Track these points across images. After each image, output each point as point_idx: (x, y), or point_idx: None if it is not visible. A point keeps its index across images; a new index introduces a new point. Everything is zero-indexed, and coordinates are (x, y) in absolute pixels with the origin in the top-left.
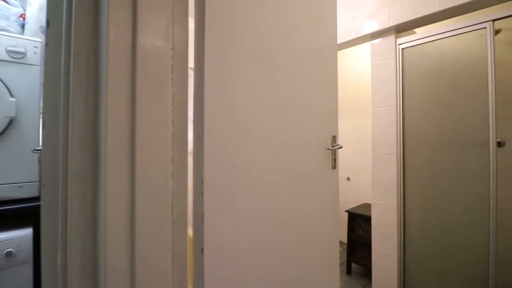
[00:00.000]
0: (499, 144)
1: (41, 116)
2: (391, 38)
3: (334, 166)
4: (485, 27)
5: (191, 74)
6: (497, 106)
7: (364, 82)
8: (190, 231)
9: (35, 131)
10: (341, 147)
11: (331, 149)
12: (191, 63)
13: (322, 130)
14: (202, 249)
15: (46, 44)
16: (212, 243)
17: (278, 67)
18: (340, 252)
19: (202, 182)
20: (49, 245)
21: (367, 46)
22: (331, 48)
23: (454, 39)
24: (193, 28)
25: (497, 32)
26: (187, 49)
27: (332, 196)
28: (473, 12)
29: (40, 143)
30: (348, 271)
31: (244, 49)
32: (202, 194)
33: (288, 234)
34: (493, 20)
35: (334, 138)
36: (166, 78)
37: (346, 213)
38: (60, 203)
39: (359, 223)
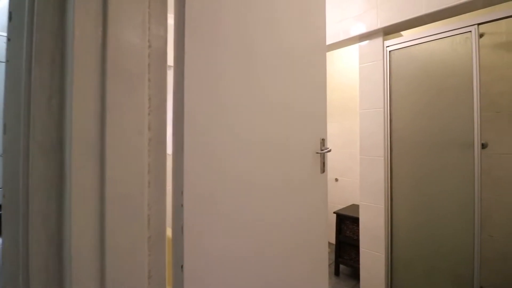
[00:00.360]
0: (483, 146)
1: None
2: (379, 40)
3: (323, 170)
4: (470, 31)
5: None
6: (481, 108)
7: (352, 84)
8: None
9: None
10: (329, 151)
11: (320, 153)
12: (171, 61)
13: (311, 133)
14: (182, 266)
15: (8, 39)
16: (193, 258)
17: (265, 67)
18: (328, 253)
19: (182, 192)
20: (9, 265)
21: (356, 47)
22: (320, 49)
23: (440, 42)
24: (172, 24)
25: (480, 36)
26: (165, 46)
27: (321, 200)
28: (459, 16)
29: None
30: (336, 272)
31: (229, 48)
32: (182, 205)
33: (277, 241)
34: (478, 24)
35: (323, 141)
36: (142, 78)
37: (335, 215)
38: (21, 217)
39: (347, 224)
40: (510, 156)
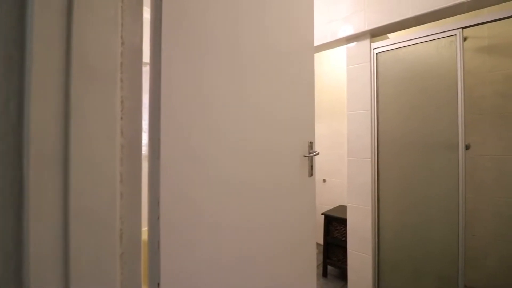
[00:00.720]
0: (466, 147)
1: None
2: (366, 42)
3: (311, 173)
4: (455, 34)
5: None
6: (465, 111)
7: (340, 85)
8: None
9: None
10: (317, 154)
11: (308, 156)
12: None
13: (299, 136)
14: (159, 284)
15: None
16: (172, 275)
17: (252, 68)
18: (316, 254)
19: (158, 203)
20: None
21: (344, 49)
22: (307, 50)
23: (426, 45)
24: (149, 18)
25: (464, 39)
26: (141, 43)
27: (309, 204)
28: (444, 20)
29: None
30: (324, 273)
31: (213, 46)
32: (158, 218)
33: (265, 246)
34: (463, 28)
35: (311, 144)
36: (113, 79)
37: (323, 216)
38: None
39: (334, 225)
40: (491, 157)
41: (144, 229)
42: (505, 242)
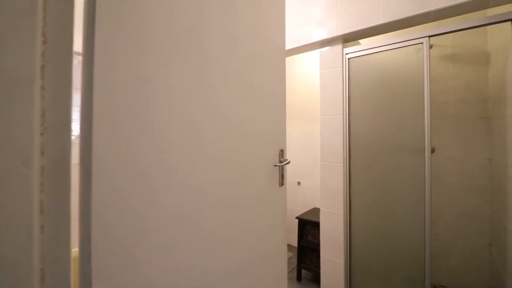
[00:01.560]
0: (432, 151)
1: None
2: (338, 47)
3: (282, 183)
4: (422, 42)
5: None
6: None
7: (315, 87)
8: None
9: None
10: (288, 162)
11: (278, 166)
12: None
13: (269, 144)
14: None
15: None
16: None
17: (217, 71)
18: (291, 257)
19: (89, 238)
20: None
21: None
22: (278, 54)
23: (395, 52)
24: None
25: (430, 47)
26: (70, 41)
27: (280, 214)
28: (412, 28)
29: None
30: (299, 277)
31: (166, 40)
32: (90, 254)
33: (231, 259)
34: (429, 36)
35: (281, 152)
36: (29, 87)
37: (297, 220)
38: None
39: (308, 229)
40: (454, 160)
41: (75, 250)
42: (466, 241)
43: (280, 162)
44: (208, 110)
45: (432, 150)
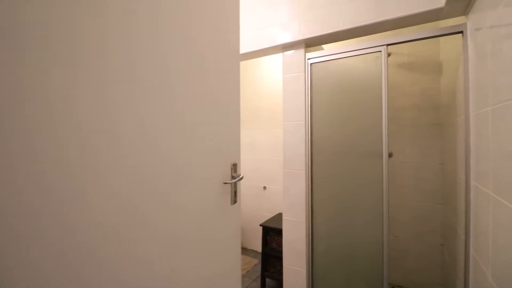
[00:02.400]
0: (389, 155)
1: None
2: (301, 52)
3: (235, 200)
4: (381, 50)
5: None
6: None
7: (281, 92)
8: None
9: None
10: (242, 178)
11: (229, 183)
12: None
13: (219, 158)
14: None
15: None
16: None
17: (149, 71)
18: (256, 265)
19: None
20: None
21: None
22: (231, 57)
23: (355, 59)
24: None
25: (388, 55)
26: None
27: (232, 235)
28: (372, 36)
29: None
30: (263, 286)
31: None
32: None
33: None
34: (387, 45)
35: (234, 167)
36: None
37: (261, 227)
38: None
39: (272, 236)
40: (409, 164)
41: None
42: (421, 242)
43: (233, 177)
44: (142, 121)
45: (390, 155)
